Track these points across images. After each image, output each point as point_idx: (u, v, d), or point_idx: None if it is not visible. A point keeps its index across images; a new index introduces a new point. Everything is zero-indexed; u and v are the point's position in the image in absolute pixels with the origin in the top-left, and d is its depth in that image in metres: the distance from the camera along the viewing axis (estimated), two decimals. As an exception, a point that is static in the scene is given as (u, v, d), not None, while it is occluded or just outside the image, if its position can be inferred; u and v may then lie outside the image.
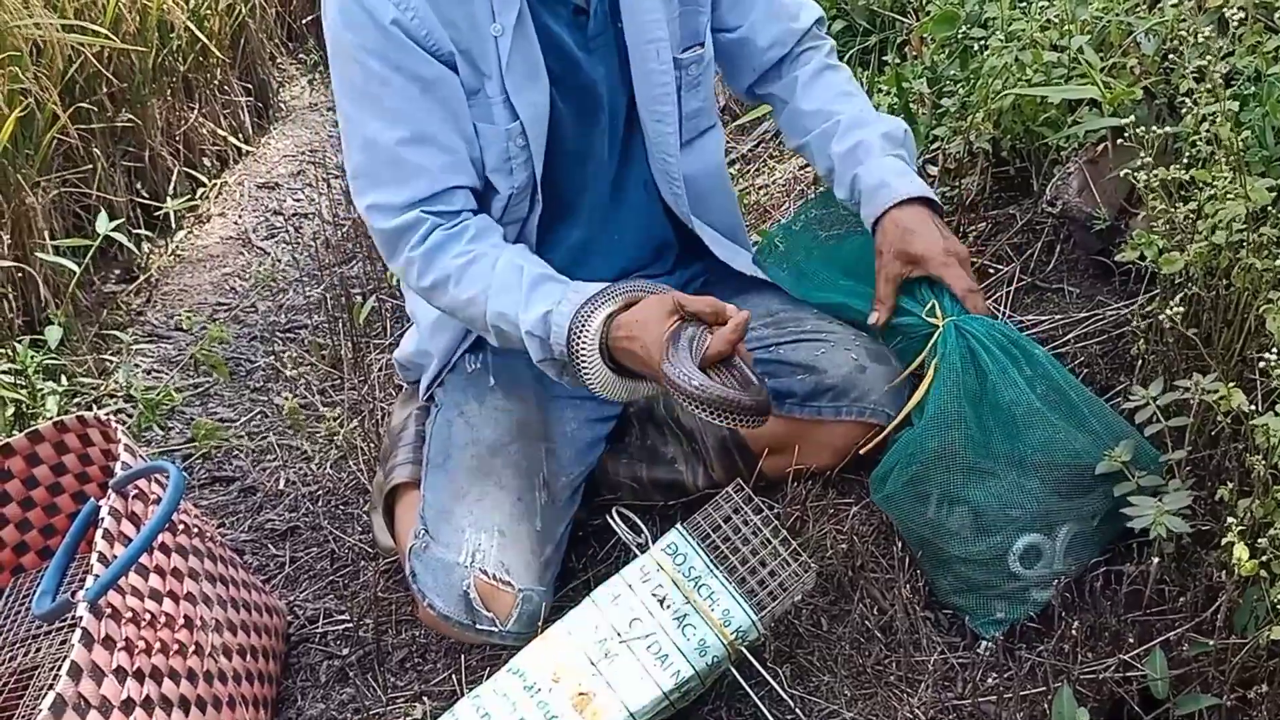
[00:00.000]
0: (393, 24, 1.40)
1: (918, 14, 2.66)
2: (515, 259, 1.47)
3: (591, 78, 1.55)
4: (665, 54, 1.56)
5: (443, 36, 1.43)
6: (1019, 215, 2.02)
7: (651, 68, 1.56)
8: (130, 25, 2.97)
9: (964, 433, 1.41)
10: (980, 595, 1.46)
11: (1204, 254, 1.41)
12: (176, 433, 2.20)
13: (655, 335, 1.37)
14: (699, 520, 1.46)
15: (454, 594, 1.47)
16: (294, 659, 1.65)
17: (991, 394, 1.42)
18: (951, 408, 1.41)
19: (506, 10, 1.44)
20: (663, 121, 1.60)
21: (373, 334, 2.34)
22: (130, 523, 1.36)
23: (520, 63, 1.47)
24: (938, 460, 1.43)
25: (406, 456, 1.68)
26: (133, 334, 2.53)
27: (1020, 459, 1.42)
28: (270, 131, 3.67)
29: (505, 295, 1.44)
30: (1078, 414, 1.42)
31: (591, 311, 1.41)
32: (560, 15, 1.51)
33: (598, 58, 1.55)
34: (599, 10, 1.53)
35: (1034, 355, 1.45)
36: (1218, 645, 1.25)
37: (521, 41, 1.46)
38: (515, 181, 1.53)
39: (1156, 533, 1.27)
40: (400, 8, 1.40)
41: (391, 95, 1.43)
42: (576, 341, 1.40)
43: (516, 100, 1.48)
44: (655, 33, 1.55)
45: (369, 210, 1.50)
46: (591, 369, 1.42)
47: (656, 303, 1.42)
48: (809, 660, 1.49)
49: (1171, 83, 1.74)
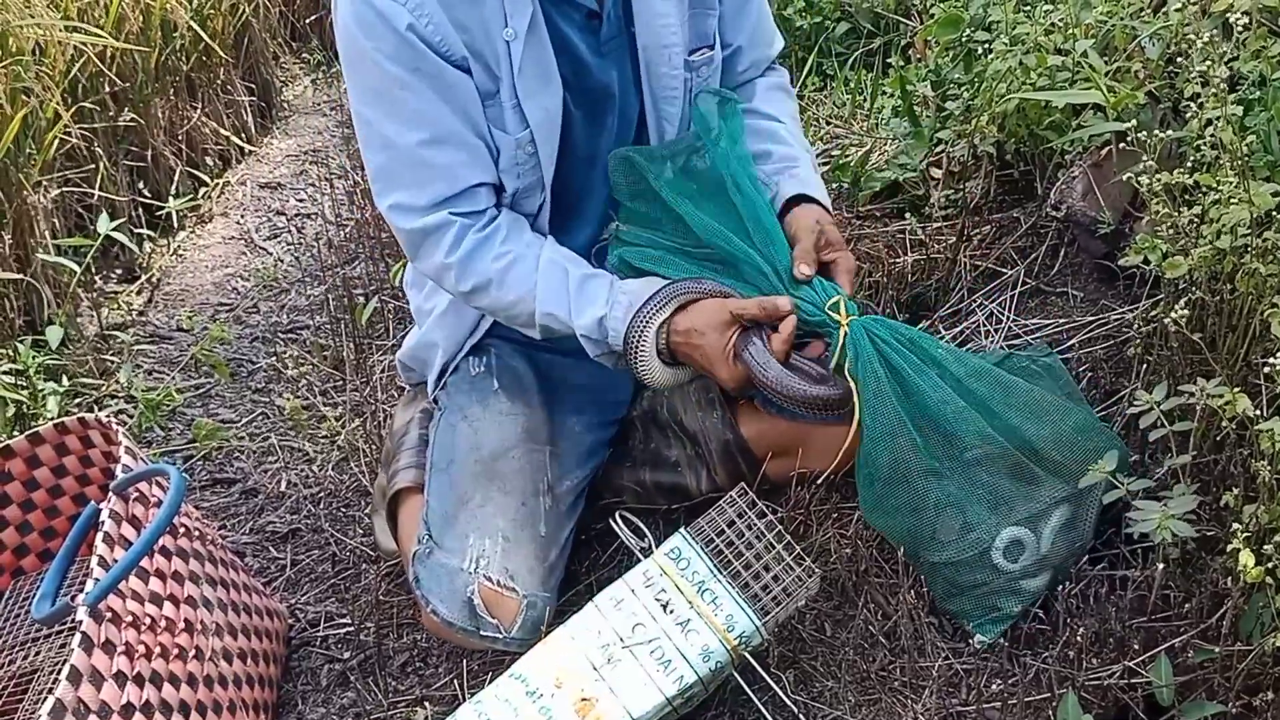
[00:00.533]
0: (408, 30, 1.40)
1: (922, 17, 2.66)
2: (555, 257, 1.52)
3: (603, 82, 1.55)
4: (677, 58, 1.57)
5: (456, 41, 1.43)
6: (1023, 219, 2.02)
7: (662, 71, 1.57)
8: (133, 25, 2.96)
9: (908, 438, 1.43)
10: (971, 596, 1.46)
11: (1208, 258, 1.40)
12: (177, 434, 2.19)
13: (716, 345, 1.45)
14: (702, 524, 1.46)
15: (458, 600, 1.47)
16: (295, 663, 1.65)
17: (916, 395, 1.44)
18: (889, 415, 1.43)
19: (519, 15, 1.43)
20: (669, 122, 1.61)
21: (375, 335, 2.33)
22: (130, 526, 1.35)
23: (532, 68, 1.46)
24: (894, 471, 1.44)
25: (409, 460, 1.68)
26: (134, 334, 2.53)
27: (960, 454, 1.43)
28: (273, 131, 3.67)
29: (553, 298, 1.50)
30: (996, 400, 1.46)
31: (648, 319, 1.48)
32: (573, 20, 1.51)
33: (610, 61, 1.55)
34: (612, 14, 1.52)
35: (935, 355, 1.48)
36: (1223, 652, 1.25)
37: (534, 46, 1.46)
38: (522, 183, 1.53)
39: (1161, 537, 1.26)
40: (415, 14, 1.40)
41: (409, 99, 1.44)
42: (634, 347, 1.49)
43: (527, 106, 1.48)
44: (669, 37, 1.55)
45: (391, 210, 1.51)
46: (650, 368, 1.51)
47: (714, 310, 1.47)
48: (813, 666, 1.49)
49: (1176, 87, 1.74)
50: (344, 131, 3.53)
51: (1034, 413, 1.46)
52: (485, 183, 1.51)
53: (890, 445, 1.43)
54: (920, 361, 1.46)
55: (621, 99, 1.58)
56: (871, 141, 2.42)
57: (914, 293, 2.02)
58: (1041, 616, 1.47)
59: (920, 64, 2.49)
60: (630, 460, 1.70)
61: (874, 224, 2.19)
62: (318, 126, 3.70)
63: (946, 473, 1.44)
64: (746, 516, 1.46)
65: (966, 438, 1.43)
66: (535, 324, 1.53)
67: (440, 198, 1.48)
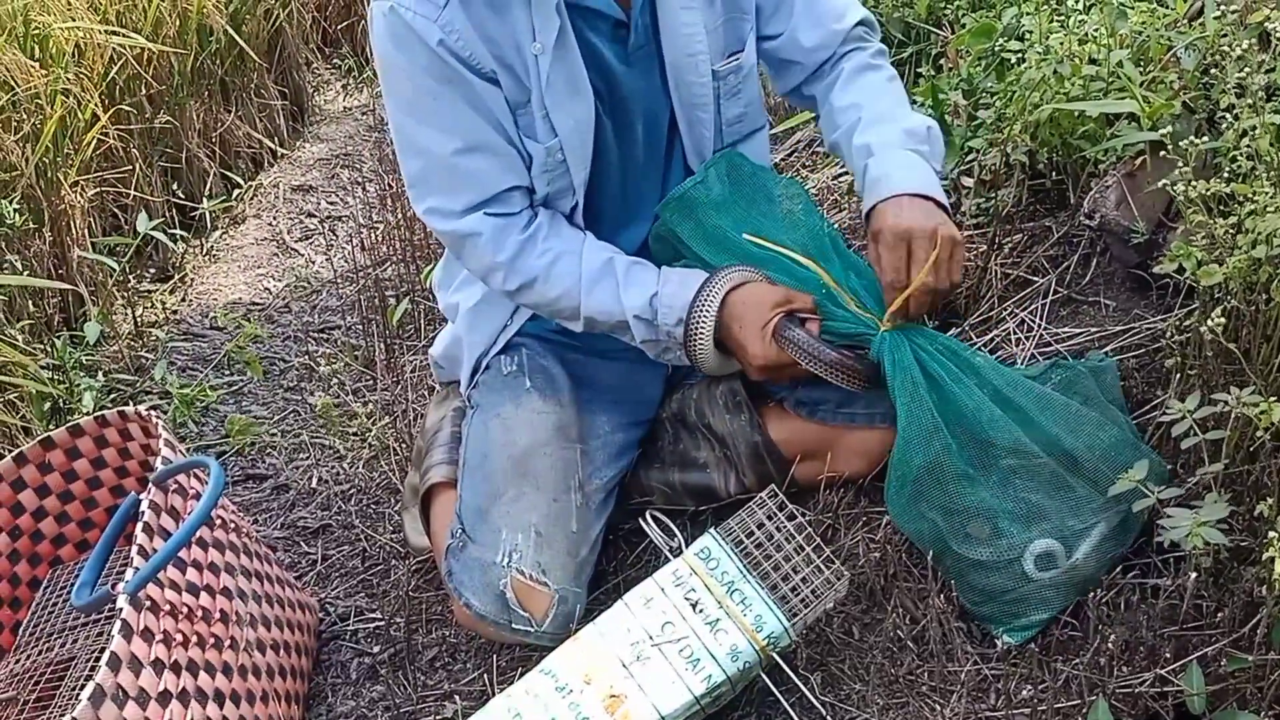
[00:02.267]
0: (439, 45, 1.44)
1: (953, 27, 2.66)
2: (599, 250, 1.56)
3: (632, 90, 1.57)
4: (704, 67, 1.58)
5: (485, 55, 1.46)
6: (1055, 228, 2.02)
7: (689, 80, 1.58)
8: (170, 28, 3.01)
9: (943, 442, 1.44)
10: (999, 602, 1.46)
11: (1243, 268, 1.40)
12: (210, 429, 2.22)
13: (757, 321, 1.50)
14: (732, 525, 1.47)
15: (491, 593, 1.48)
16: (325, 656, 1.66)
17: (952, 402, 1.46)
18: (925, 420, 1.44)
19: (546, 29, 1.46)
20: (704, 128, 1.62)
21: (405, 336, 2.35)
22: (169, 517, 1.37)
23: (560, 80, 1.49)
24: (929, 474, 1.45)
25: (442, 457, 1.69)
26: (168, 332, 2.56)
27: (996, 462, 1.44)
28: (305, 135, 3.71)
29: (600, 286, 1.54)
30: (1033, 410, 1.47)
31: (712, 294, 1.53)
32: (601, 30, 1.52)
33: (638, 71, 1.56)
34: (640, 24, 1.54)
35: (974, 364, 1.50)
36: (1256, 661, 1.24)
37: (563, 59, 1.48)
38: (552, 188, 1.56)
39: (1192, 545, 1.26)
40: (445, 29, 1.44)
41: (443, 110, 1.48)
42: (696, 325, 1.53)
43: (555, 116, 1.50)
44: (694, 46, 1.56)
45: (428, 213, 1.56)
46: (705, 348, 1.55)
47: (767, 289, 1.53)
48: (840, 668, 1.49)
49: (1211, 97, 1.73)
50: (375, 136, 3.56)
51: (1071, 426, 1.47)
52: (518, 186, 1.54)
53: (924, 449, 1.44)
54: (958, 369, 1.48)
55: (651, 107, 1.60)
56: (902, 150, 2.42)
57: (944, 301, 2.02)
58: (1073, 623, 1.46)
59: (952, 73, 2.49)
60: (660, 461, 1.71)
61: (904, 232, 2.19)
62: (349, 131, 3.73)
63: (981, 479, 1.44)
64: (776, 518, 1.46)
65: (1002, 445, 1.44)
66: (580, 316, 1.56)
67: (473, 202, 1.52)
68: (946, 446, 1.43)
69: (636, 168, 1.63)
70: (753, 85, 1.67)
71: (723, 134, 1.66)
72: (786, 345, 1.50)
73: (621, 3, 1.52)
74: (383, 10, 1.46)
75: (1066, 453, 1.46)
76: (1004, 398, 1.48)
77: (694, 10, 1.55)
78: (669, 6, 1.53)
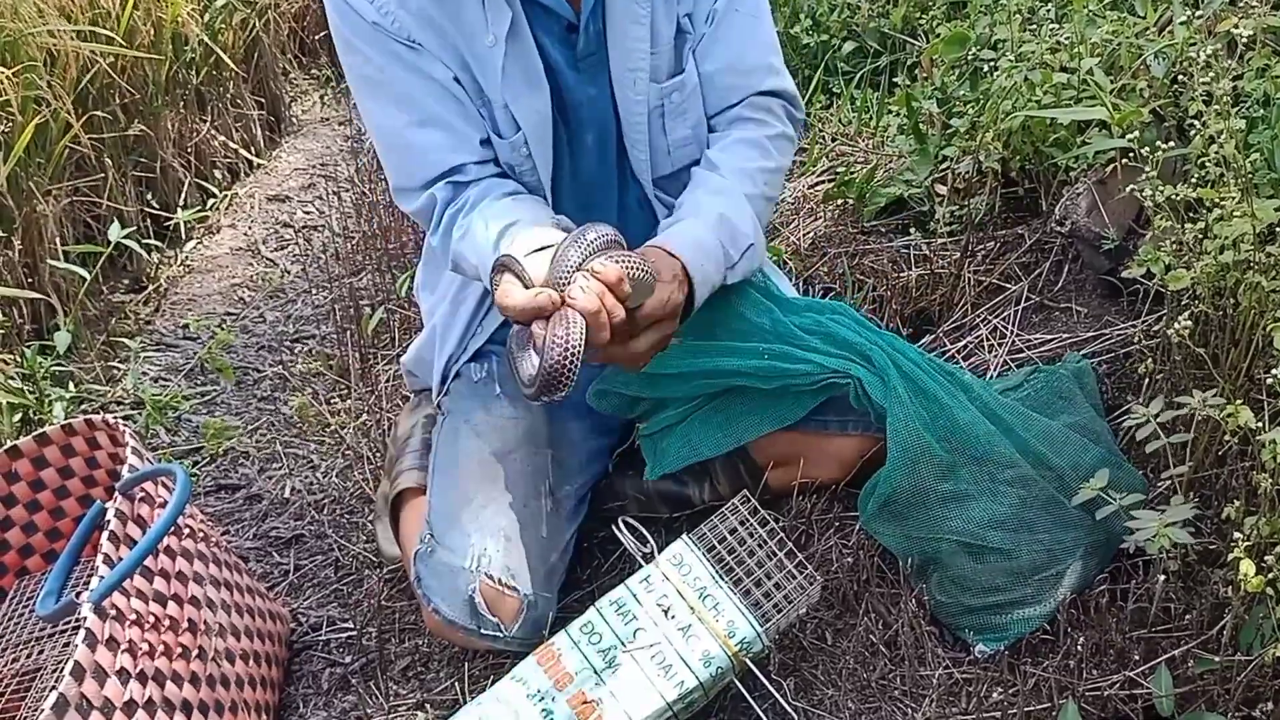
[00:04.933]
0: (374, 25, 1.45)
1: (928, 36, 2.68)
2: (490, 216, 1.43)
3: (580, 97, 1.55)
4: (642, 83, 1.54)
5: (425, 35, 1.45)
6: (1027, 235, 2.03)
7: (628, 95, 1.55)
8: (145, 36, 2.99)
9: (931, 464, 1.45)
10: (978, 616, 1.46)
11: (1211, 273, 1.41)
12: (182, 440, 2.20)
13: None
14: (705, 531, 1.47)
15: (459, 599, 1.47)
16: (296, 666, 1.65)
17: (946, 415, 1.47)
18: (913, 442, 1.45)
19: (499, 21, 1.45)
20: (638, 149, 1.59)
21: (380, 345, 2.34)
22: (136, 525, 1.36)
23: (517, 72, 1.48)
24: (914, 496, 1.46)
25: (412, 463, 1.68)
26: (141, 342, 2.54)
27: (991, 477, 1.46)
28: (281, 145, 3.69)
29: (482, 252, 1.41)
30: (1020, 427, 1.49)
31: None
32: (552, 31, 1.51)
33: (587, 77, 1.54)
34: (590, 29, 1.51)
35: (964, 380, 1.52)
36: (1223, 663, 1.25)
37: (516, 51, 1.47)
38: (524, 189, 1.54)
39: (1160, 545, 1.27)
40: (380, 10, 1.45)
41: (392, 83, 1.48)
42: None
43: (516, 109, 1.49)
44: (636, 61, 1.53)
45: (396, 195, 1.57)
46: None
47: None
48: (813, 673, 1.49)
49: (1181, 105, 1.75)
50: (352, 146, 3.55)
51: (1056, 446, 1.50)
52: (470, 161, 1.51)
53: (911, 472, 1.45)
54: (952, 385, 1.50)
55: (601, 118, 1.57)
56: (877, 158, 2.44)
57: (918, 307, 2.03)
58: (1043, 627, 1.47)
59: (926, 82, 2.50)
60: (633, 468, 1.70)
61: (879, 239, 2.20)
62: (325, 141, 3.72)
63: (974, 496, 1.45)
64: (749, 524, 1.46)
65: (997, 460, 1.46)
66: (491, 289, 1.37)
67: (425, 180, 1.51)
68: (936, 469, 1.45)
69: (591, 179, 1.60)
70: (699, 107, 1.60)
71: (671, 155, 1.61)
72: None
73: (573, 4, 1.50)
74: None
75: (1052, 470, 1.47)
76: (994, 415, 1.50)
77: (643, 26, 1.51)
78: (617, 17, 1.50)
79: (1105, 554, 1.48)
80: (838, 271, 2.12)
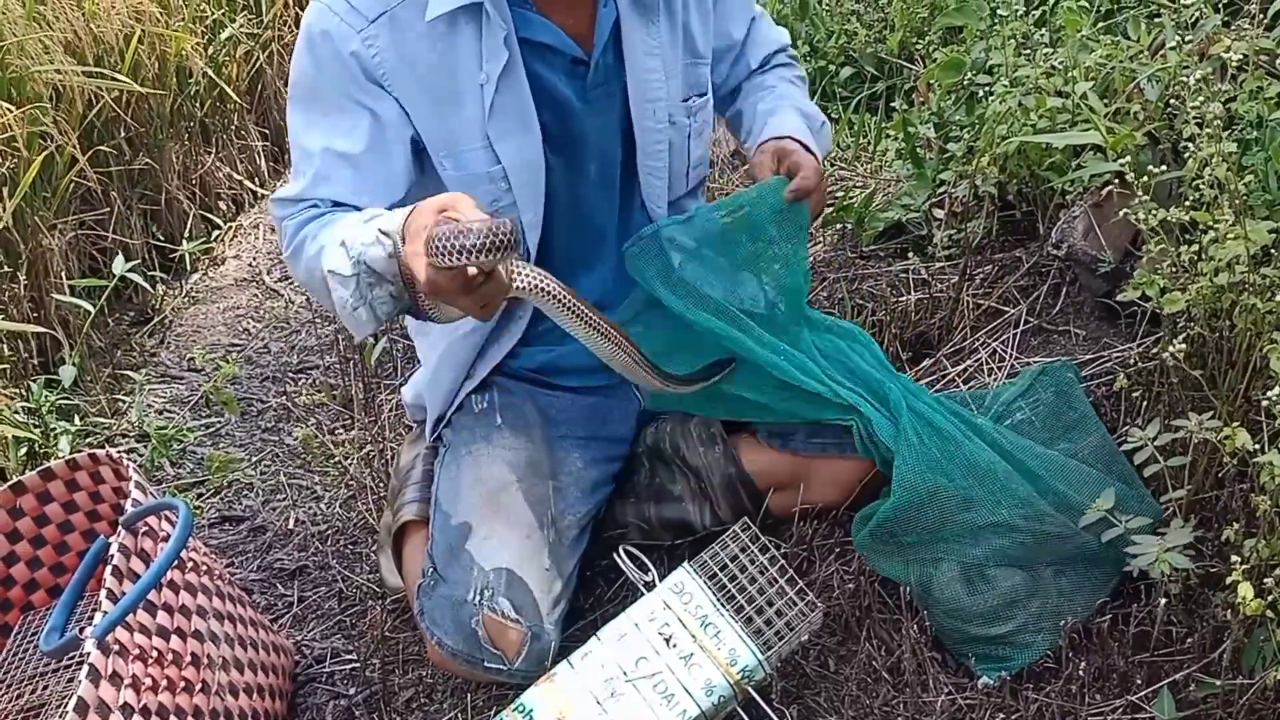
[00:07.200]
0: (351, 55, 1.42)
1: (924, 61, 2.69)
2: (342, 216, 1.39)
3: (585, 129, 1.56)
4: (662, 112, 1.57)
5: (404, 80, 1.43)
6: (1025, 258, 2.04)
7: (647, 125, 1.57)
8: (149, 71, 3.02)
9: (938, 507, 1.46)
10: (981, 644, 1.46)
11: (1207, 295, 1.41)
12: (187, 472, 2.21)
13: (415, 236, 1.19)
14: (706, 559, 1.47)
15: (463, 632, 1.47)
16: (300, 699, 1.65)
17: (962, 455, 1.47)
18: (920, 485, 1.46)
19: (494, 59, 1.44)
20: (654, 175, 1.62)
21: (384, 375, 2.35)
22: (140, 560, 1.37)
23: (506, 112, 1.47)
24: (923, 535, 1.47)
25: (414, 495, 1.69)
26: (146, 374, 2.55)
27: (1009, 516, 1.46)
28: (285, 176, 3.71)
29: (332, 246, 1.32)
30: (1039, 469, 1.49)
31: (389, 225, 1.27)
32: (556, 65, 1.51)
33: (595, 109, 1.56)
34: (601, 63, 1.53)
35: (977, 424, 1.53)
36: (1225, 686, 1.25)
37: (509, 91, 1.46)
38: None
39: (1160, 570, 1.27)
40: (366, 42, 1.42)
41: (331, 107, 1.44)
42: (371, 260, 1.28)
43: (500, 147, 1.48)
44: (654, 91, 1.56)
45: (276, 200, 1.48)
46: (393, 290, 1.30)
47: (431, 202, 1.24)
48: (816, 701, 1.48)
49: (1175, 128, 1.76)
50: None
51: (1075, 484, 1.49)
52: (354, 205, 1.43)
53: (920, 512, 1.46)
54: (966, 427, 1.51)
55: (606, 147, 1.59)
56: (875, 183, 2.45)
57: (917, 331, 2.04)
58: (1046, 653, 1.47)
59: (923, 107, 2.52)
60: (635, 495, 1.71)
61: (878, 263, 2.21)
62: (330, 170, 3.74)
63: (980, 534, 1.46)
64: (749, 551, 1.47)
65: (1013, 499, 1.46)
66: (326, 285, 1.32)
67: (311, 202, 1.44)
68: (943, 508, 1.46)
69: (590, 208, 1.62)
70: (711, 118, 1.69)
71: (688, 176, 1.66)
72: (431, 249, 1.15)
73: (582, 43, 1.51)
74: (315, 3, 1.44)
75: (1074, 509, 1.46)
76: (1008, 454, 1.50)
77: (656, 57, 1.55)
78: (635, 50, 1.53)
79: (1113, 582, 1.48)
80: (837, 296, 2.13)
